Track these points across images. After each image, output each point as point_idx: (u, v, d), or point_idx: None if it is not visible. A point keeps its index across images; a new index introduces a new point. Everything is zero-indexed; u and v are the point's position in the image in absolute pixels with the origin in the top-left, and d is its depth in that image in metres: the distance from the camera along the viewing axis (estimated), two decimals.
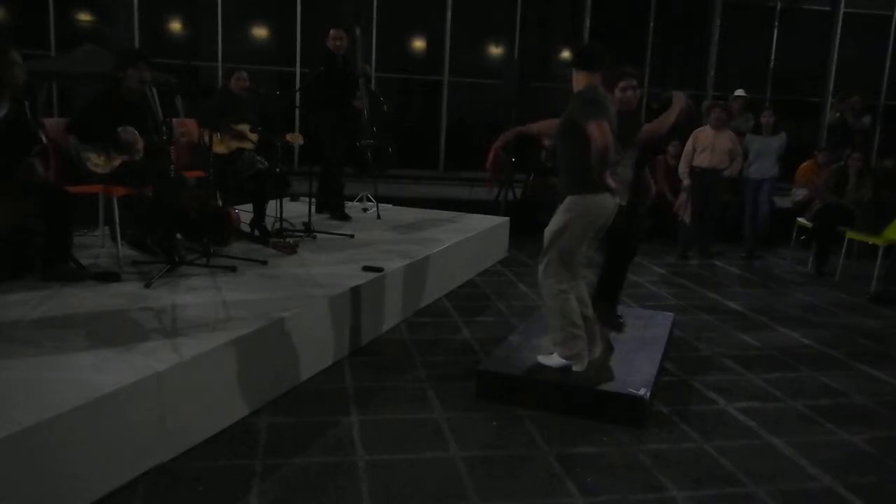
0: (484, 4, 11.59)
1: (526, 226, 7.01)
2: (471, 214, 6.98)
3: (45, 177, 3.92)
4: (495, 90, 10.05)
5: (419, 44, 11.79)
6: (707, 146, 6.92)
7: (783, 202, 8.12)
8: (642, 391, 3.27)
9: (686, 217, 7.07)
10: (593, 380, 3.42)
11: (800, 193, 7.94)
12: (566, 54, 12.02)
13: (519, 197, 8.80)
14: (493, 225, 6.58)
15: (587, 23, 11.50)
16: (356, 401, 3.39)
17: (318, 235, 5.44)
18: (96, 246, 4.70)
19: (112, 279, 3.93)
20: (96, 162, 4.25)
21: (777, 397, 3.69)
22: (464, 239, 5.78)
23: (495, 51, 11.91)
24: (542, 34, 11.88)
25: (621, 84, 3.86)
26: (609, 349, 3.82)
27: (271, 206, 5.48)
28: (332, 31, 5.94)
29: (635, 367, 3.58)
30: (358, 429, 3.10)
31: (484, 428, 3.18)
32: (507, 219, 6.97)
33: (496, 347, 3.94)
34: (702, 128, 7.09)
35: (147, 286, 3.82)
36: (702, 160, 6.94)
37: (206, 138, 4.81)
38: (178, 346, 2.92)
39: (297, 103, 6.82)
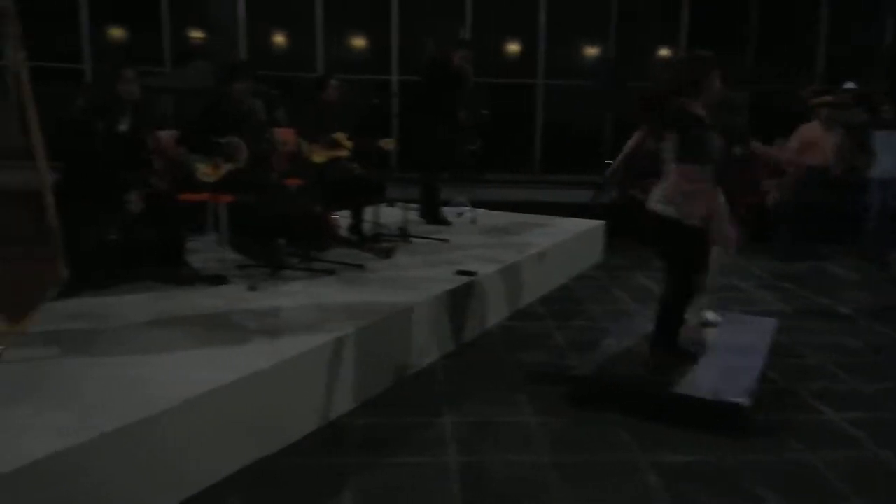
0: (577, 2, 11.42)
1: (625, 229, 6.86)
2: (565, 218, 6.91)
3: (160, 187, 4.18)
4: (587, 91, 9.90)
5: (513, 47, 11.77)
6: (813, 143, 6.60)
7: None
8: (742, 399, 3.17)
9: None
10: (691, 387, 3.34)
11: None
12: (664, 52, 11.72)
13: (616, 199, 8.62)
14: (587, 228, 6.51)
15: (685, 16, 11.15)
16: (449, 402, 3.43)
17: (414, 240, 5.54)
18: (206, 250, 4.95)
19: (220, 282, 4.14)
20: (205, 171, 4.47)
21: (889, 408, 3.48)
22: (557, 243, 5.75)
23: (591, 51, 11.74)
24: (638, 31, 11.61)
25: None
26: (708, 356, 3.71)
27: (368, 212, 5.62)
28: (462, 52, 6.19)
29: (735, 374, 3.46)
30: (450, 430, 3.14)
31: (576, 433, 3.16)
32: (602, 222, 6.87)
33: (590, 352, 3.90)
34: (809, 124, 6.76)
35: (251, 289, 4.01)
36: (811, 158, 6.62)
37: (305, 148, 4.99)
38: (279, 346, 3.06)
39: (396, 110, 6.96)
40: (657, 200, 3.41)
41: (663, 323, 3.56)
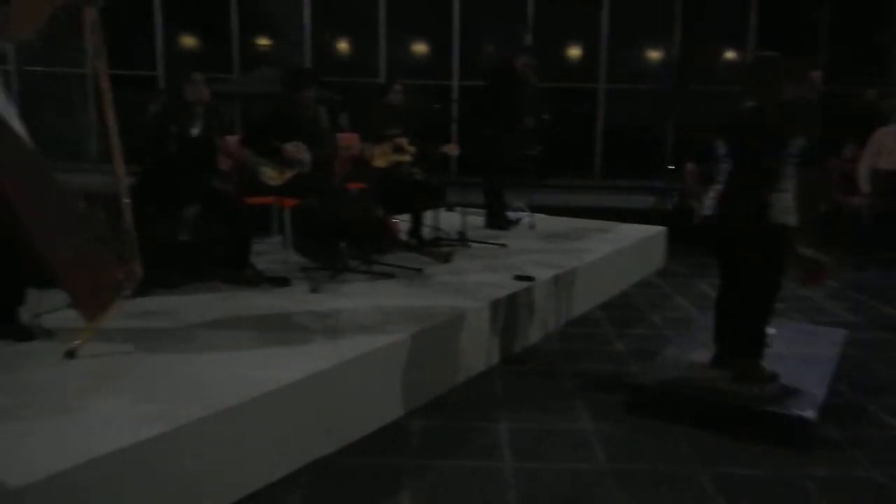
0: (641, 4, 11.26)
1: (688, 235, 6.73)
2: (625, 224, 6.84)
3: (227, 190, 4.32)
4: (648, 94, 9.75)
5: (574, 51, 11.69)
6: (891, 147, 6.36)
7: None
8: (808, 412, 3.08)
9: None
10: (755, 398, 3.27)
11: None
12: (731, 54, 11.46)
13: (678, 205, 8.48)
14: (648, 235, 6.42)
15: (753, 18, 10.89)
16: (505, 408, 3.44)
17: (473, 244, 5.57)
18: (270, 253, 5.08)
19: (283, 284, 4.24)
20: (271, 175, 4.59)
21: None
22: (617, 249, 5.69)
23: (654, 54, 11.56)
24: (703, 32, 11.37)
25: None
26: (775, 366, 3.62)
27: (428, 216, 5.67)
28: (524, 58, 6.24)
29: (801, 386, 3.36)
30: (506, 436, 3.15)
31: (634, 442, 3.12)
32: (663, 228, 6.76)
33: (650, 360, 3.85)
34: (885, 127, 6.52)
35: (313, 291, 4.09)
36: (886, 162, 6.38)
37: (367, 152, 5.07)
38: (340, 348, 3.11)
39: (456, 116, 7.02)
40: (786, 209, 3.21)
41: (751, 332, 3.42)
